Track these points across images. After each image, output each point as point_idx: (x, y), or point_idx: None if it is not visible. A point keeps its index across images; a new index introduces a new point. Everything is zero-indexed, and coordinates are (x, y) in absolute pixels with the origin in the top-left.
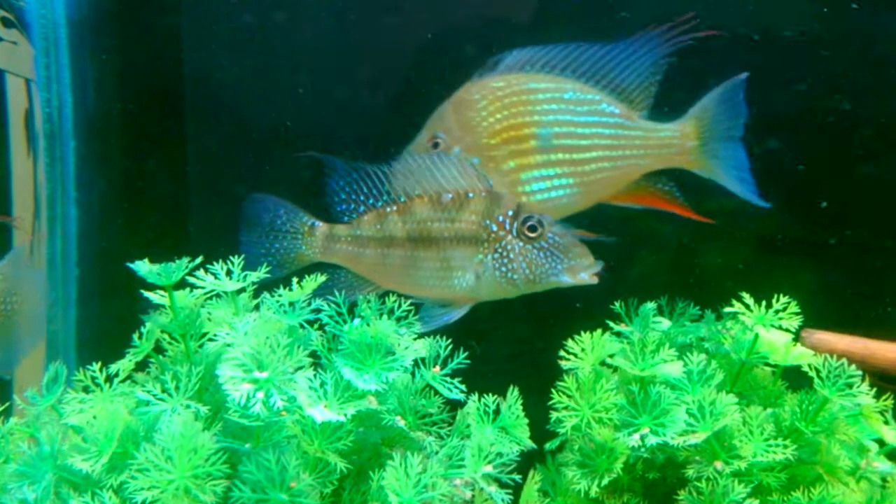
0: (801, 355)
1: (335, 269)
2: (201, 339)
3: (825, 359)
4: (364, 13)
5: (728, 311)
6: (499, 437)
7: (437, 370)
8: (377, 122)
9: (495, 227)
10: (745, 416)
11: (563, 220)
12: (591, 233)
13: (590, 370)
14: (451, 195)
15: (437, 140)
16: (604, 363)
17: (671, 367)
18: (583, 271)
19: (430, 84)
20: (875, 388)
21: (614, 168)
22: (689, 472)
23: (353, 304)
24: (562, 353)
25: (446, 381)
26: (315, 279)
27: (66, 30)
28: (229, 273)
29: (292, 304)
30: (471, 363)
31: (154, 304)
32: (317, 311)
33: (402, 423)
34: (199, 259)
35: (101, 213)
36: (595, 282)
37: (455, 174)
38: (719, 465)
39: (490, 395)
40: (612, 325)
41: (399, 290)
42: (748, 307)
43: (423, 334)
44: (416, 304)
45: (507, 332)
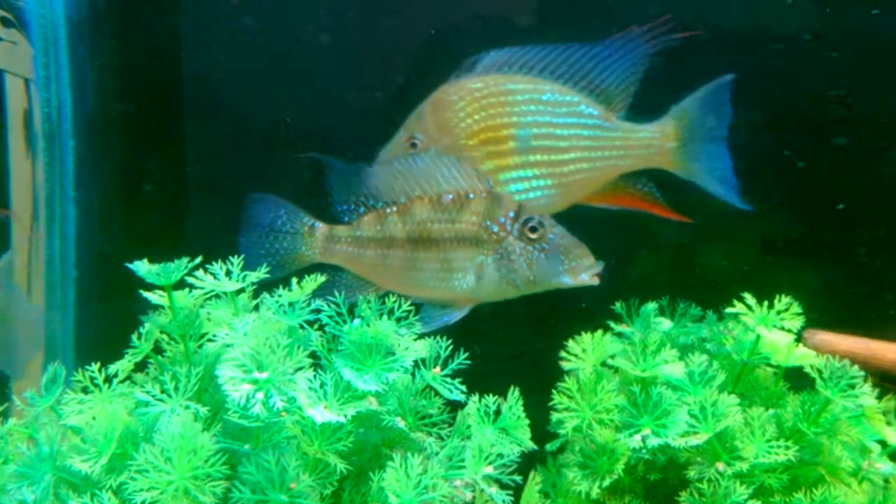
0: (804, 356)
1: (335, 269)
2: (200, 339)
3: (827, 359)
4: (364, 13)
5: (730, 311)
6: (499, 438)
7: (437, 371)
8: (377, 122)
9: (496, 228)
10: (747, 417)
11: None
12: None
13: (591, 371)
14: (451, 196)
15: (414, 141)
16: (605, 364)
17: (672, 367)
18: (584, 272)
19: (430, 84)
20: (877, 389)
21: (593, 169)
22: (691, 473)
23: (353, 304)
24: (562, 354)
25: (447, 382)
26: (315, 280)
27: (65, 30)
28: (229, 273)
29: (292, 304)
30: (471, 364)
31: (153, 305)
32: (317, 311)
33: (402, 423)
34: (199, 259)
35: (100, 213)
36: (596, 283)
37: (455, 175)
38: (721, 466)
39: (490, 395)
40: (613, 325)
41: (399, 290)
42: (750, 308)
43: (424, 335)
44: (416, 304)
45: (507, 333)
